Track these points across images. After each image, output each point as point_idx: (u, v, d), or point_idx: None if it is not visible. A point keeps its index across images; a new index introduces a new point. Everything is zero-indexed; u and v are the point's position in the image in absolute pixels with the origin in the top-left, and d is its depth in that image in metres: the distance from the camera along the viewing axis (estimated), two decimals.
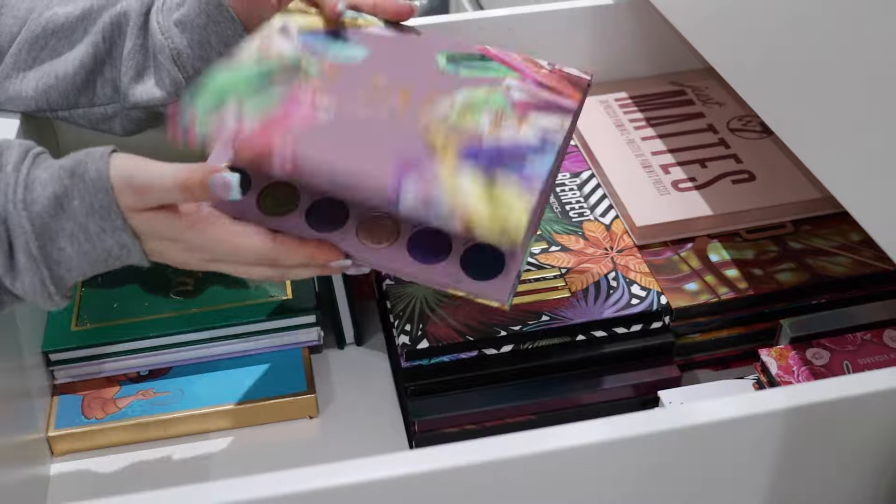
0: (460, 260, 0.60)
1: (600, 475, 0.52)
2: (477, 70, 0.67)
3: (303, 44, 0.65)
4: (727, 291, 0.73)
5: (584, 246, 0.77)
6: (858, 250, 0.76)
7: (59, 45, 0.72)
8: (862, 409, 0.53)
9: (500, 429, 0.69)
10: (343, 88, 0.63)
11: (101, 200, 0.56)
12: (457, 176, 0.57)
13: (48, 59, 0.72)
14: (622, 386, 0.70)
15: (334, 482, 0.48)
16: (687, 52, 0.96)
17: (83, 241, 0.56)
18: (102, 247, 0.57)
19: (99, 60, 0.71)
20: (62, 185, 0.56)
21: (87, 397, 0.73)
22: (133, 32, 0.71)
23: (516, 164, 0.59)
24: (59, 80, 0.72)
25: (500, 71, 0.67)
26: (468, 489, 0.50)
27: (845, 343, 0.67)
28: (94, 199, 0.56)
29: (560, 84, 0.66)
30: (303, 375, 0.74)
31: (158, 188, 0.56)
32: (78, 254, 0.57)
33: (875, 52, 0.50)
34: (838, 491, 0.57)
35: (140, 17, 0.71)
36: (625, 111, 0.92)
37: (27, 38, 0.71)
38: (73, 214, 0.56)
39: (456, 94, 0.64)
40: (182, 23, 0.69)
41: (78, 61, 0.71)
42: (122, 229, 0.56)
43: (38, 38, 0.71)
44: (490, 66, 0.67)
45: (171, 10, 0.70)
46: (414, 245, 0.61)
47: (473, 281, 0.60)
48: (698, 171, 0.83)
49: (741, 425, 0.51)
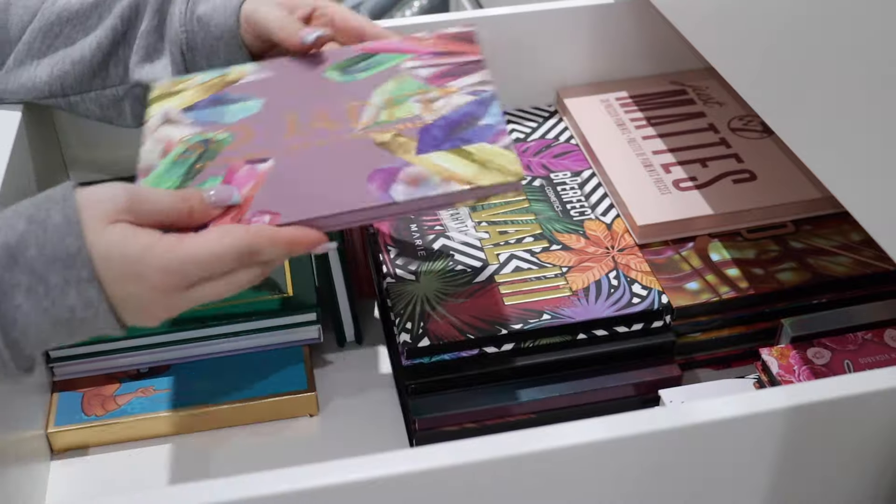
0: None
1: (601, 474, 0.52)
2: (372, 68, 0.66)
3: (194, 121, 0.63)
4: (728, 291, 0.73)
5: (584, 245, 0.77)
6: (859, 250, 0.76)
7: (73, 33, 0.72)
8: (863, 409, 0.53)
9: (501, 427, 0.69)
10: (264, 140, 0.61)
11: (69, 246, 0.50)
12: (431, 161, 0.58)
13: (62, 47, 0.72)
14: (623, 385, 0.70)
15: (334, 480, 0.48)
16: (687, 51, 0.96)
17: (42, 297, 0.50)
18: (64, 304, 0.50)
19: (115, 42, 0.72)
20: (15, 232, 0.50)
21: (86, 394, 0.73)
22: (150, 14, 0.71)
23: (475, 131, 0.59)
24: (75, 65, 0.72)
25: (392, 59, 0.66)
26: (468, 487, 0.50)
27: (846, 342, 0.67)
28: (57, 247, 0.49)
29: (452, 45, 0.67)
30: (303, 373, 0.74)
31: (156, 198, 0.53)
32: (36, 311, 0.50)
33: (875, 52, 0.50)
34: (838, 490, 0.57)
35: (158, 1, 0.71)
36: (626, 110, 0.92)
37: (41, 27, 0.72)
38: (30, 266, 0.49)
39: (370, 97, 0.63)
40: (202, 20, 0.70)
41: (95, 44, 0.71)
42: (87, 281, 0.50)
43: (52, 26, 0.72)
44: (380, 59, 0.67)
45: (197, 3, 0.71)
46: None
47: None
48: (699, 170, 0.83)
49: (742, 424, 0.51)
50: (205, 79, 0.68)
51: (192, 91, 0.66)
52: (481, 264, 0.75)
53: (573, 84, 0.95)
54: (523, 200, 0.82)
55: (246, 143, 0.61)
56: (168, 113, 0.64)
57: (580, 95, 0.94)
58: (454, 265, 0.75)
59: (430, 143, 0.59)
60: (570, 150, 0.88)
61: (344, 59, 0.67)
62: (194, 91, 0.66)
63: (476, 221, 0.79)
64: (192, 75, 0.68)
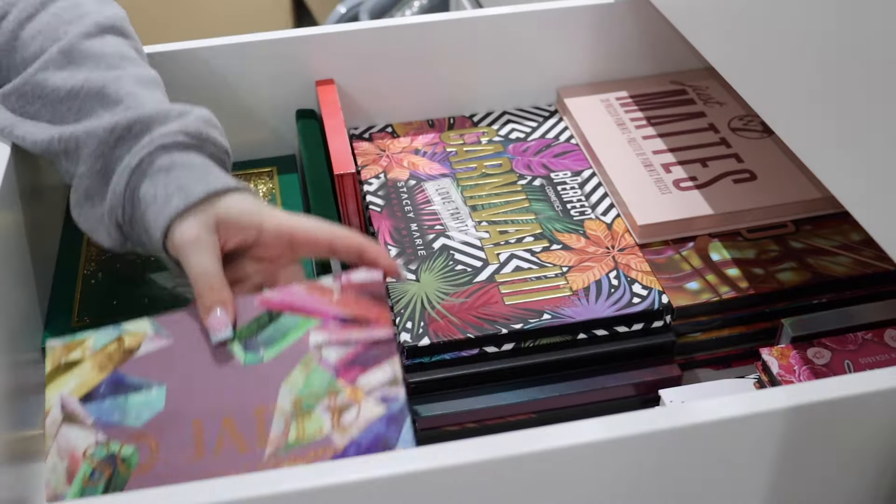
0: None
1: (600, 474, 0.52)
2: (277, 342, 0.61)
3: (95, 419, 0.59)
4: (728, 290, 0.73)
5: (585, 244, 0.77)
6: (859, 250, 0.76)
7: (42, 110, 0.69)
8: (863, 409, 0.53)
9: (501, 427, 0.69)
10: (171, 465, 0.57)
11: None
12: None
13: (31, 117, 0.69)
14: (623, 385, 0.70)
15: (334, 480, 0.48)
16: (688, 51, 0.96)
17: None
18: None
19: (62, 148, 0.67)
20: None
21: None
22: (90, 158, 0.66)
23: None
24: (36, 147, 0.69)
25: (298, 328, 0.61)
26: (469, 487, 0.50)
27: (846, 342, 0.67)
28: None
29: (360, 306, 0.61)
30: None
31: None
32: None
33: (875, 52, 0.50)
34: (838, 490, 0.57)
35: (101, 146, 0.65)
36: (626, 110, 0.92)
37: (17, 89, 0.69)
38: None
39: (277, 397, 0.59)
40: (141, 202, 0.64)
41: (46, 141, 0.68)
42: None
43: (26, 94, 0.69)
44: (285, 326, 0.61)
45: (142, 178, 0.64)
46: None
47: None
48: (699, 170, 0.83)
49: (742, 424, 0.51)
50: (101, 342, 0.61)
51: (88, 364, 0.61)
52: (481, 264, 0.75)
53: (573, 84, 0.95)
54: (524, 200, 0.82)
55: (153, 465, 0.57)
56: (67, 404, 0.60)
57: (580, 95, 0.94)
58: (454, 265, 0.75)
59: None
60: (570, 150, 0.88)
61: (246, 324, 0.61)
62: (91, 364, 0.61)
63: (476, 221, 0.79)
64: (86, 334, 0.62)
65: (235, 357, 0.60)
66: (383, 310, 0.61)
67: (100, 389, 0.60)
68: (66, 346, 0.61)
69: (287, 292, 0.62)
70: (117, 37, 0.72)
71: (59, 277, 0.78)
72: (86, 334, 0.62)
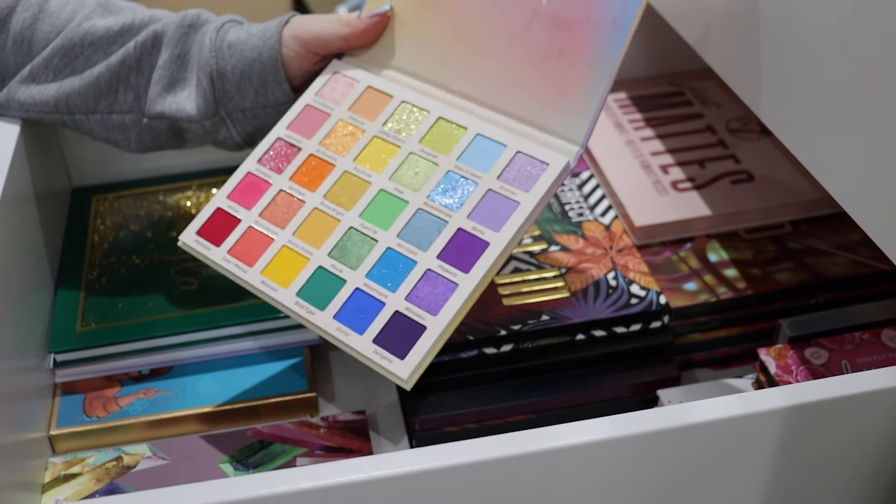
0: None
1: (599, 474, 0.52)
2: (266, 464, 0.66)
3: None
4: (726, 291, 0.73)
5: (583, 246, 0.77)
6: (856, 250, 0.76)
7: (94, 56, 0.71)
8: (860, 408, 0.53)
9: (500, 428, 0.69)
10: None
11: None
12: None
13: (81, 70, 0.72)
14: (621, 385, 0.71)
15: (334, 480, 0.48)
16: (686, 52, 0.95)
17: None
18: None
19: (126, 66, 0.71)
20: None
21: (88, 396, 0.73)
22: (171, 43, 0.71)
23: None
24: (82, 81, 0.71)
25: (286, 454, 0.66)
26: (468, 487, 0.50)
27: (844, 342, 0.67)
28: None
29: (345, 440, 0.67)
30: (304, 374, 0.74)
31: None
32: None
33: (874, 53, 0.50)
34: (837, 490, 0.57)
35: (179, 29, 0.71)
36: (624, 112, 0.92)
37: (63, 45, 0.71)
38: None
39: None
40: (233, 46, 0.70)
41: (105, 66, 0.71)
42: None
43: (74, 46, 0.71)
44: (274, 451, 0.67)
45: (227, 31, 0.71)
46: None
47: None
48: (697, 171, 0.83)
49: (740, 424, 0.52)
50: (101, 460, 0.65)
51: (86, 477, 0.64)
52: None
53: None
54: None
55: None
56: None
57: None
58: None
59: None
60: None
61: (237, 449, 0.66)
62: (89, 477, 0.63)
63: None
64: (88, 453, 0.66)
65: (227, 475, 0.64)
66: (365, 443, 0.66)
67: (94, 497, 0.62)
68: (66, 462, 0.65)
69: (277, 427, 0.68)
70: None
71: (63, 283, 0.78)
72: (88, 453, 0.67)
